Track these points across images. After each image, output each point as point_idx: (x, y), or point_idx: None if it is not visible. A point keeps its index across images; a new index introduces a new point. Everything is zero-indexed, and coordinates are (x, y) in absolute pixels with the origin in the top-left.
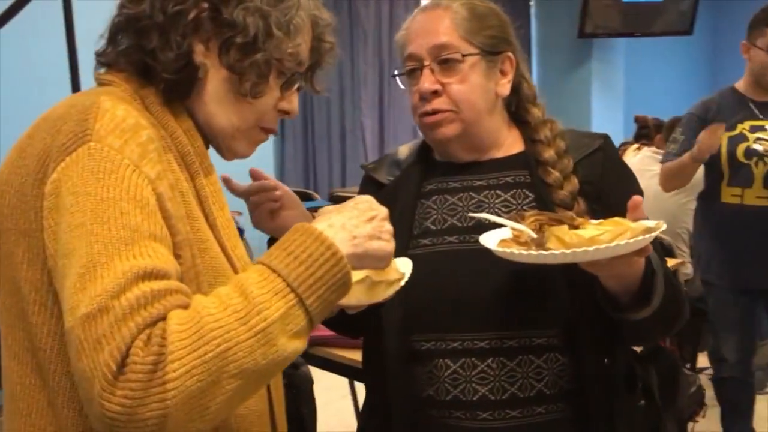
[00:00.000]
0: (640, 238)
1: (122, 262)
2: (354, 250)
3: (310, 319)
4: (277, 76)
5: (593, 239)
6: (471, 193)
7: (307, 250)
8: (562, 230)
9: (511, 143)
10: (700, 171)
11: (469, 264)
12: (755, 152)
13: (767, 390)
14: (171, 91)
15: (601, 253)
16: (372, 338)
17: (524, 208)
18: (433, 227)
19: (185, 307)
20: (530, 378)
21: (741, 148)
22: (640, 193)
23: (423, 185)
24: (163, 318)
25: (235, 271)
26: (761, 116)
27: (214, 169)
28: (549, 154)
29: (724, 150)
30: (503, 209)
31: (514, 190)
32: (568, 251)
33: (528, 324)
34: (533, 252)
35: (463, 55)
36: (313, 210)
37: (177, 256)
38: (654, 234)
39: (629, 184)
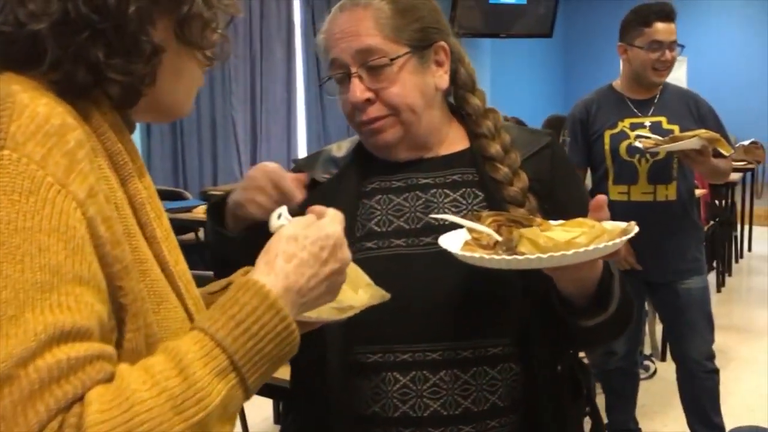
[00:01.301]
0: (618, 240)
1: (35, 317)
2: (299, 310)
3: (246, 396)
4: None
5: (571, 242)
6: (417, 192)
7: (259, 321)
8: (534, 233)
9: (454, 139)
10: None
11: (419, 269)
12: (637, 149)
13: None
14: (127, 97)
15: (579, 257)
16: (307, 350)
17: (476, 208)
18: (377, 229)
19: (109, 379)
20: (484, 390)
21: (623, 146)
22: (586, 193)
23: (364, 184)
24: (81, 398)
25: (179, 295)
26: (640, 114)
27: (146, 169)
28: (495, 149)
29: (607, 148)
30: (453, 209)
31: (463, 189)
32: (545, 255)
33: (483, 332)
34: (506, 257)
35: (391, 59)
36: (185, 210)
37: (118, 289)
38: (630, 235)
39: (577, 184)
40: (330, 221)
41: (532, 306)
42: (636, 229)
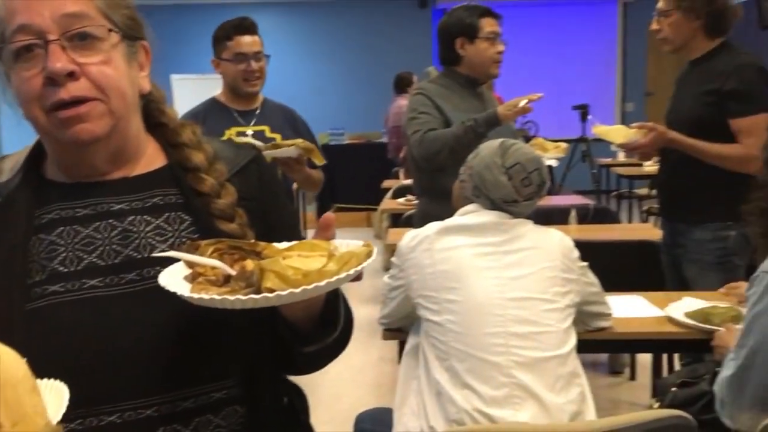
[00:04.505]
0: (365, 263)
1: None
2: None
3: None
4: None
5: (322, 272)
6: (111, 220)
7: None
8: (278, 264)
9: (150, 155)
10: None
11: (120, 312)
12: None
13: None
14: None
15: (331, 286)
16: None
17: (184, 234)
18: (63, 269)
19: None
20: None
21: None
22: (297, 211)
23: (38, 214)
24: None
25: None
26: (244, 123)
27: None
28: (199, 158)
29: None
30: (158, 238)
31: (167, 214)
32: (297, 290)
33: (204, 377)
34: (254, 296)
35: (109, 30)
36: None
37: None
38: (374, 256)
39: (287, 202)
40: None
41: (256, 339)
42: (375, 247)
